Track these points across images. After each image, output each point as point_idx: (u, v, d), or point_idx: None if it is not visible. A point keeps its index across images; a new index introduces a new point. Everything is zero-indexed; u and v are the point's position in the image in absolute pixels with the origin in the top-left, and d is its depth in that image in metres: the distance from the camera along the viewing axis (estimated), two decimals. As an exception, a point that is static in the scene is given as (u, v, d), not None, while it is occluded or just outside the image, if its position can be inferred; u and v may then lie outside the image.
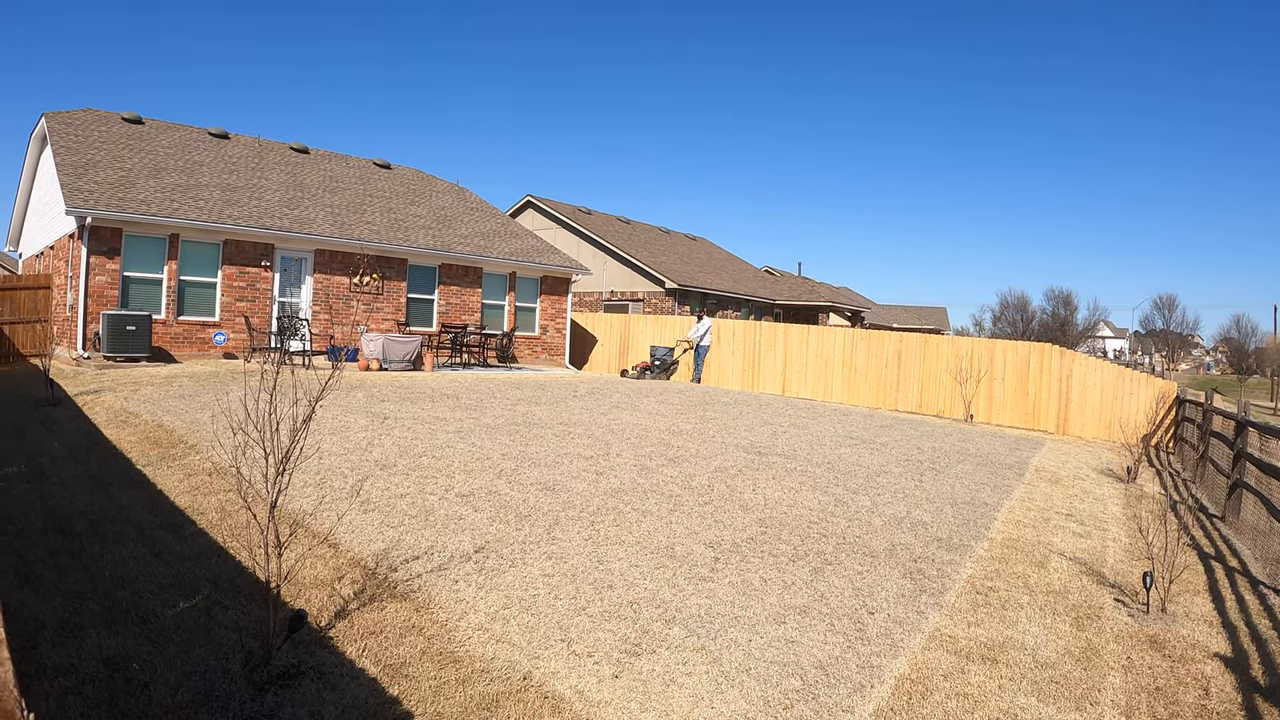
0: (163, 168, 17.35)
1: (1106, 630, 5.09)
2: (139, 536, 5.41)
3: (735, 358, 21.04)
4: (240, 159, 19.98)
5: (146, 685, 3.47)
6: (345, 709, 3.43)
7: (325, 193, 20.14)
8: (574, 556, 5.54)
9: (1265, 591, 6.18)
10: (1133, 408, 15.94)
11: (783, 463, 9.38)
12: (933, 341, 18.65)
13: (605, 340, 23.72)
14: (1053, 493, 9.52)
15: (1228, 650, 4.86)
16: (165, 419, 9.13)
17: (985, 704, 3.96)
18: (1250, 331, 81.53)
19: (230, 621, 4.15)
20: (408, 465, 7.61)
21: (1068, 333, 73.82)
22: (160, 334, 15.20)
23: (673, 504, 7.10)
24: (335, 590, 4.70)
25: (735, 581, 5.34)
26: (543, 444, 9.15)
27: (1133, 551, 7.09)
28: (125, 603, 4.32)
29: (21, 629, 3.88)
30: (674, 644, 4.33)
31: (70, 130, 17.50)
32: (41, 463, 7.39)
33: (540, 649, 4.17)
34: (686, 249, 35.29)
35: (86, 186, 14.92)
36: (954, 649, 4.60)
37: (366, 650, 3.99)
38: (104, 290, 14.66)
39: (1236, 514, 8.58)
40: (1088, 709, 4.00)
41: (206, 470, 7.07)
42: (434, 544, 5.59)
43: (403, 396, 11.97)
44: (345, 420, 9.51)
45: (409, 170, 25.24)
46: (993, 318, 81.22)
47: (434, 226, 21.01)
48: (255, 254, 16.57)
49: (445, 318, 19.86)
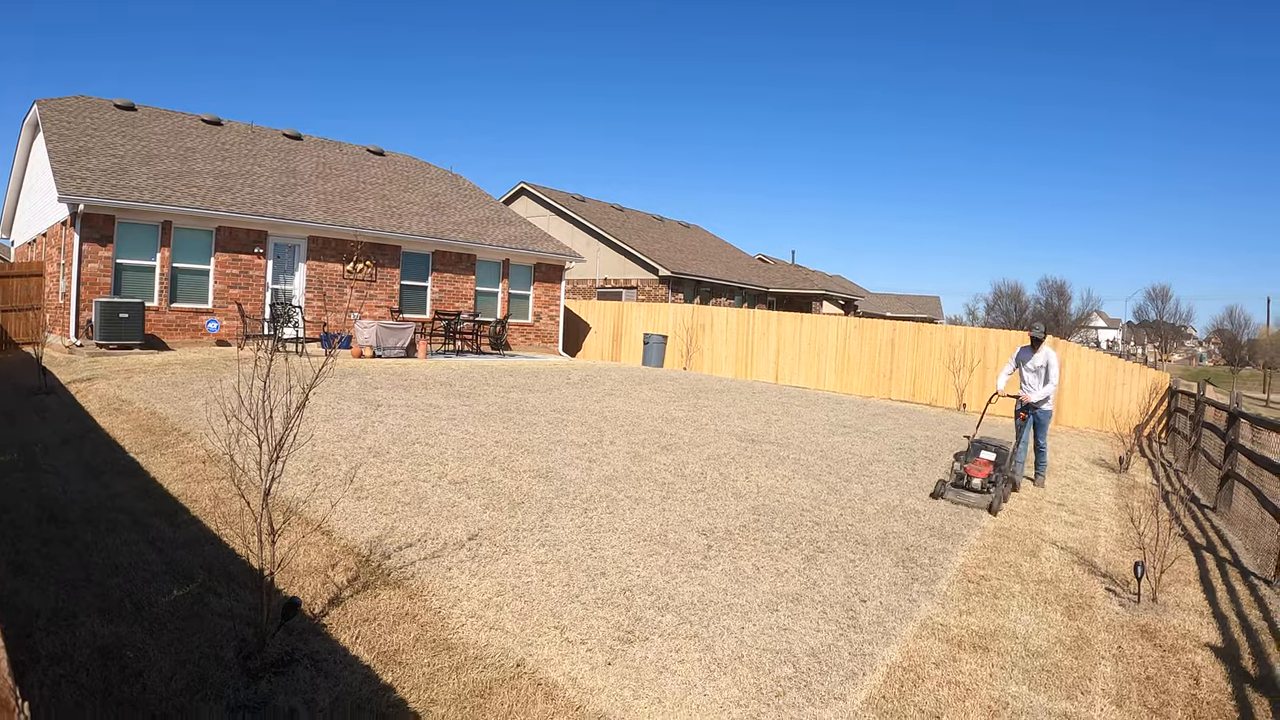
0: (155, 154, 17.23)
1: (1098, 619, 5.12)
2: (132, 524, 5.40)
3: (728, 346, 21.05)
4: (233, 146, 19.85)
5: (141, 673, 3.47)
6: (339, 696, 3.44)
7: (319, 179, 20.03)
8: (567, 544, 5.55)
9: (1256, 582, 6.23)
10: (1125, 398, 16.00)
11: (776, 451, 9.40)
12: (926, 330, 18.67)
13: (599, 327, 23.71)
14: (1045, 482, 9.55)
15: (1218, 640, 4.90)
16: (158, 406, 9.10)
17: (977, 692, 3.98)
18: (1243, 323, 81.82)
19: (224, 609, 4.15)
20: (401, 452, 7.60)
21: (1061, 323, 74.04)
22: (153, 321, 15.14)
23: (666, 491, 7.11)
24: (329, 578, 4.70)
25: (728, 569, 5.36)
26: (536, 431, 9.15)
27: (1124, 541, 7.13)
28: (119, 590, 4.31)
29: (15, 617, 3.87)
30: (667, 631, 4.35)
31: (62, 117, 17.36)
32: (34, 451, 7.36)
33: (533, 636, 4.18)
34: (680, 236, 35.23)
35: (79, 174, 14.81)
36: (946, 637, 4.62)
37: (360, 637, 4.00)
38: (96, 278, 14.58)
39: (1228, 505, 8.63)
40: (1079, 697, 4.03)
41: (200, 458, 7.05)
42: (427, 531, 5.59)
43: (396, 384, 11.95)
44: (339, 407, 9.49)
45: (403, 157, 25.12)
46: (986, 307, 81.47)
47: (427, 213, 20.93)
48: (248, 241, 16.49)
49: (439, 305, 19.81)
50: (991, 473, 8.00)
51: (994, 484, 7.92)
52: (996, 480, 7.94)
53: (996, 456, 8.19)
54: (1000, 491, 7.82)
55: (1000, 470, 8.04)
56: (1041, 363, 9.19)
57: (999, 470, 8.04)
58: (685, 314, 21.90)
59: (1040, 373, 9.20)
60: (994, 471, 8.03)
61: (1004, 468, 8.08)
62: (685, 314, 21.90)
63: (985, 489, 7.90)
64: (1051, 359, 9.15)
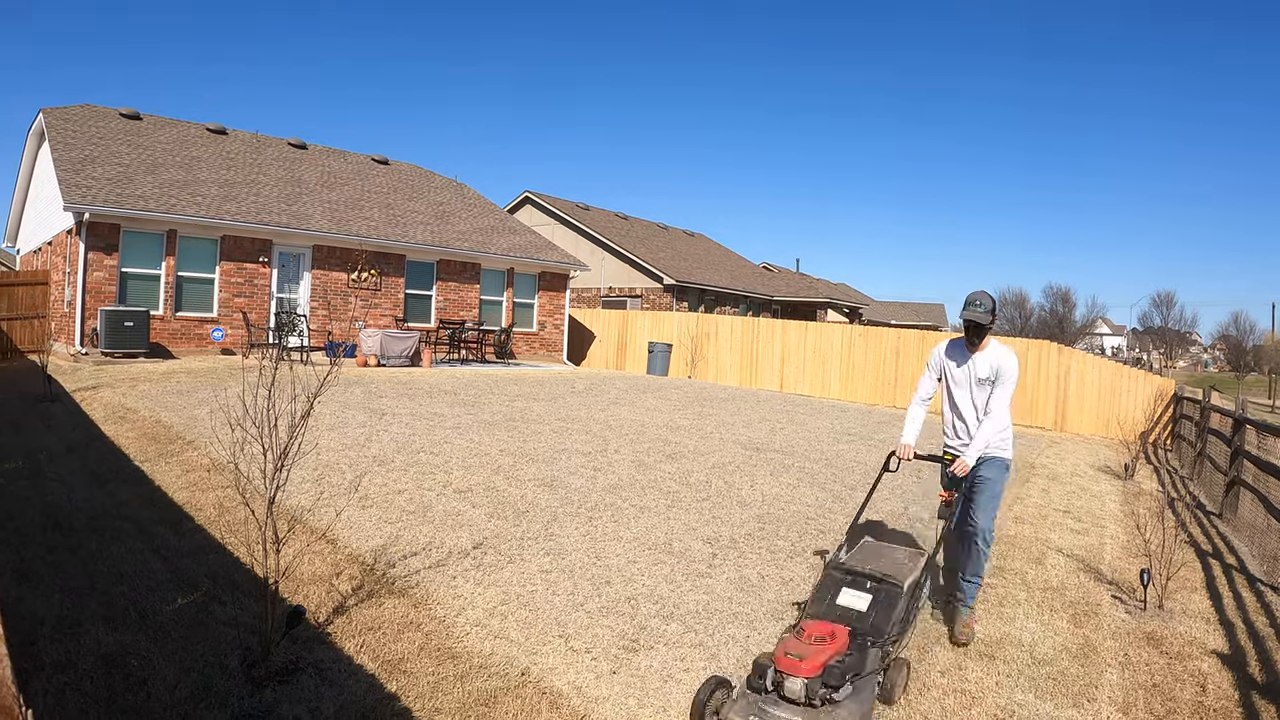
0: (160, 163, 17.32)
1: (1104, 627, 5.10)
2: (137, 533, 5.41)
3: (733, 354, 21.05)
4: (238, 155, 19.94)
5: (145, 681, 3.47)
6: (343, 705, 3.44)
7: (323, 189, 20.11)
8: (572, 552, 5.55)
9: (1262, 589, 6.20)
10: (1130, 405, 15.95)
11: (780, 459, 9.39)
12: (931, 338, 18.66)
13: (603, 336, 23.73)
14: (1050, 489, 9.53)
15: (1225, 647, 4.88)
16: (163, 415, 9.12)
17: (983, 700, 3.97)
18: (1248, 329, 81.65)
19: (228, 617, 4.15)
20: (405, 461, 7.61)
21: (1066, 330, 73.93)
22: (158, 330, 15.19)
23: (671, 500, 7.10)
24: (333, 586, 4.70)
25: (733, 577, 5.35)
26: (540, 440, 9.15)
27: (1130, 548, 7.10)
28: (123, 599, 4.32)
29: (20, 625, 3.87)
30: (672, 640, 4.34)
31: (68, 126, 17.46)
32: (39, 459, 7.38)
33: (538, 645, 4.17)
34: (684, 245, 35.27)
35: (84, 182, 14.89)
36: (951, 645, 4.61)
37: (365, 646, 3.99)
38: (102, 286, 14.64)
39: (1234, 511, 8.60)
40: (1085, 705, 4.01)
41: (204, 466, 7.06)
42: (432, 540, 5.59)
43: (401, 392, 11.97)
44: (343, 416, 9.50)
45: (407, 166, 25.20)
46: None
47: (432, 222, 20.99)
48: (253, 250, 16.55)
49: (443, 314, 19.85)
50: (840, 654, 3.54)
51: (833, 688, 3.35)
52: (847, 674, 3.42)
53: (871, 602, 3.95)
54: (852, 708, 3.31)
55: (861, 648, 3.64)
56: (988, 372, 4.86)
57: (858, 649, 3.63)
58: (690, 322, 21.90)
59: (988, 387, 4.84)
60: (847, 651, 3.59)
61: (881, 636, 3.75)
62: (690, 322, 21.90)
63: (811, 699, 3.31)
64: (1007, 364, 4.83)
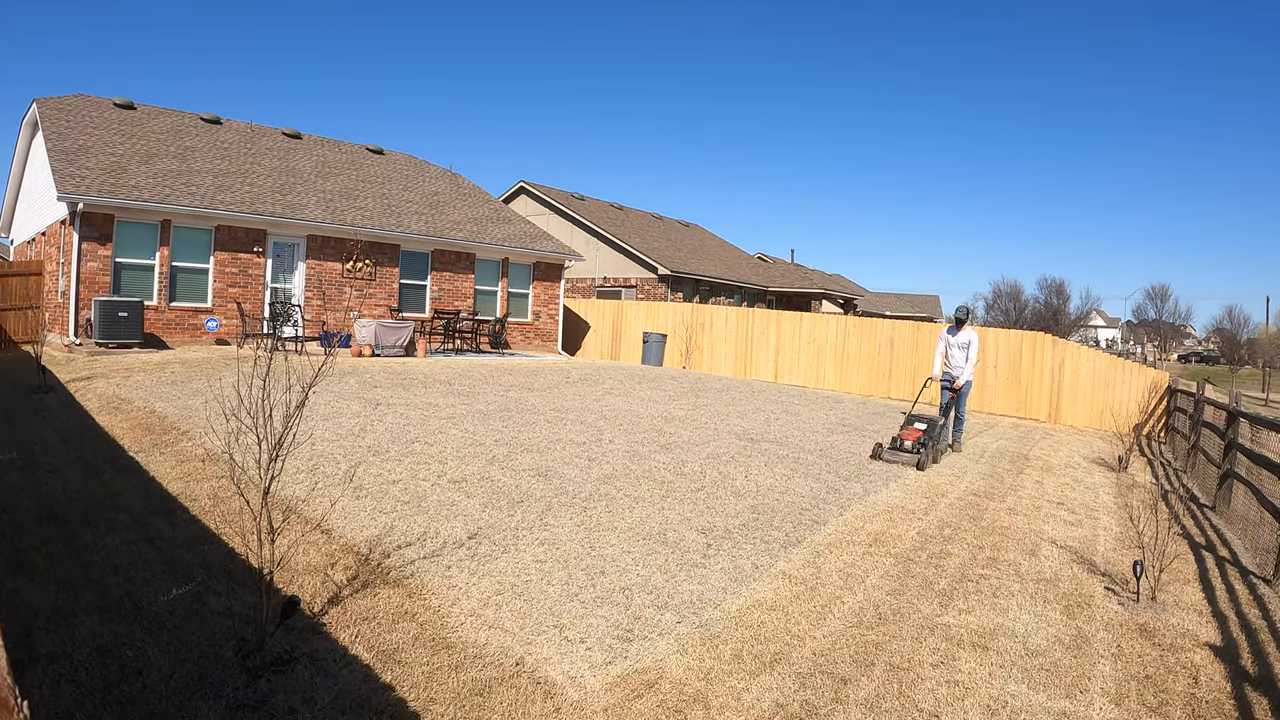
0: (155, 153, 17.22)
1: (1097, 618, 5.12)
2: (132, 523, 5.40)
3: (728, 345, 21.05)
4: (232, 145, 19.84)
5: (140, 672, 3.47)
6: (338, 695, 3.44)
7: (318, 178, 20.02)
8: (566, 543, 5.55)
9: (1255, 581, 6.23)
10: (1124, 397, 16.00)
11: (775, 449, 9.41)
12: (925, 329, 18.67)
13: (598, 326, 23.71)
14: (1044, 481, 9.56)
15: (1217, 639, 4.90)
16: (157, 405, 9.09)
17: (975, 691, 3.99)
18: (1242, 322, 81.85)
19: (223, 608, 4.15)
20: (400, 451, 7.60)
21: (1060, 322, 74.08)
22: (152, 320, 15.14)
23: (665, 490, 7.11)
24: (328, 576, 4.70)
25: (727, 568, 5.36)
26: (535, 430, 9.15)
27: (1123, 540, 7.13)
28: (118, 590, 4.31)
29: (15, 616, 3.87)
30: (666, 630, 4.35)
31: (62, 116, 17.34)
32: (34, 450, 7.36)
33: (533, 635, 4.18)
34: (680, 235, 35.22)
35: (78, 172, 14.80)
36: (945, 636, 4.62)
37: (360, 636, 4.00)
38: (96, 276, 14.58)
39: (1227, 504, 8.64)
40: (1078, 696, 4.03)
41: (199, 457, 7.05)
42: (426, 530, 5.59)
43: (395, 382, 11.95)
44: (338, 406, 9.49)
45: (402, 156, 25.10)
46: (985, 306, 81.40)
47: (427, 212, 20.92)
48: (248, 240, 16.49)
49: (438, 303, 19.81)
50: (921, 437, 9.66)
51: (923, 446, 9.52)
52: (925, 443, 9.55)
53: (927, 425, 9.95)
54: (928, 454, 9.41)
55: (930, 435, 9.74)
56: (966, 340, 11.11)
57: (928, 435, 9.73)
58: (685, 313, 21.89)
59: (965, 349, 11.08)
60: (924, 436, 9.69)
61: (932, 434, 9.79)
62: (685, 313, 21.89)
63: (916, 450, 9.49)
64: (973, 338, 11.13)
